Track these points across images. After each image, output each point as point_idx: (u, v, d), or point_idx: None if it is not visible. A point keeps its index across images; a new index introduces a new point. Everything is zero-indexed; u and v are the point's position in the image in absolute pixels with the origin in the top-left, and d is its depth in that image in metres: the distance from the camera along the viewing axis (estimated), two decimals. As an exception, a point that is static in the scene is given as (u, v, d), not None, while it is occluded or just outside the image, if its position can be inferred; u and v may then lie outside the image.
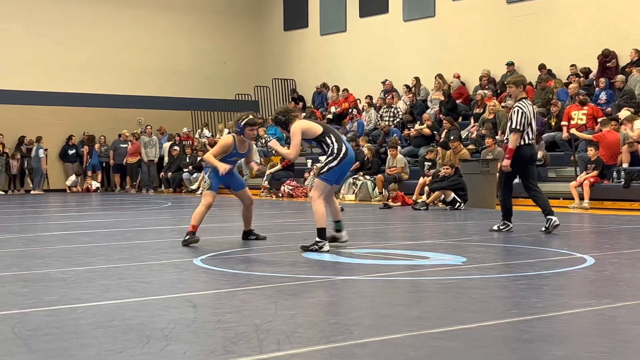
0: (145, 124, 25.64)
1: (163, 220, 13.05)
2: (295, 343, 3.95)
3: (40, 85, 24.60)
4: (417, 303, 5.20)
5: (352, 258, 7.40)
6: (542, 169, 16.85)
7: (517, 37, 21.08)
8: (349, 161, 8.02)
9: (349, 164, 8.08)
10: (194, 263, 7.02)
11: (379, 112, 22.07)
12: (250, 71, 28.03)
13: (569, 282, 6.22)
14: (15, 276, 6.37)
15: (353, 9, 25.44)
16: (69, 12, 25.14)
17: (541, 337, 4.10)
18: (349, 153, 7.98)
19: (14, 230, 11.07)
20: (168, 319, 4.53)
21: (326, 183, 7.96)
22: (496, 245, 8.63)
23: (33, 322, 4.49)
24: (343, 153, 7.91)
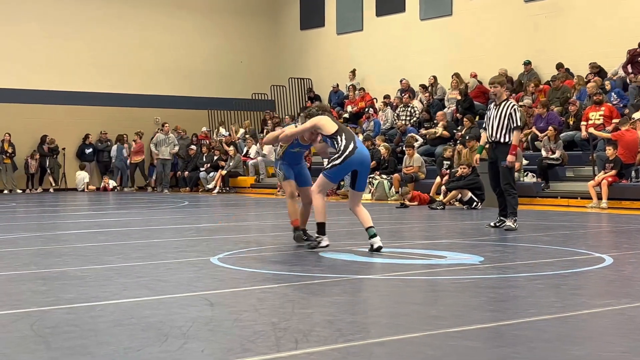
0: (162, 123, 25.72)
1: (180, 219, 13.09)
2: (313, 342, 3.95)
3: (57, 85, 24.71)
4: (434, 302, 5.19)
5: (368, 257, 7.39)
6: (560, 168, 16.78)
7: (534, 35, 20.98)
8: (353, 161, 7.74)
9: (354, 164, 7.78)
10: (211, 262, 7.03)
11: (395, 112, 22.03)
12: (266, 70, 28.05)
13: (588, 281, 6.18)
14: (34, 274, 6.40)
15: (370, 8, 25.40)
16: (86, 12, 25.24)
17: (560, 337, 4.09)
18: (355, 153, 7.73)
19: (32, 228, 11.14)
20: (186, 317, 4.54)
21: (327, 180, 7.86)
22: (513, 245, 8.60)
23: (52, 320, 4.52)
24: (349, 152, 7.72)
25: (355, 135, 8.17)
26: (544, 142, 16.98)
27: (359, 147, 7.84)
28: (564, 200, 15.86)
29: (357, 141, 7.93)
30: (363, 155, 7.84)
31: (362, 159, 7.82)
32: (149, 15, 26.39)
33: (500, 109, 10.03)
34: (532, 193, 16.17)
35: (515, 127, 9.91)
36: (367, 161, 7.93)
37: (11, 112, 23.94)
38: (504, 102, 10.09)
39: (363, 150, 7.90)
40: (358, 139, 8.07)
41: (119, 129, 25.55)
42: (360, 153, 7.81)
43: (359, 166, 7.84)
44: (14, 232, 10.61)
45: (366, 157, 7.90)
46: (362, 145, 7.98)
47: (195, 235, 9.94)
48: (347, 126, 8.42)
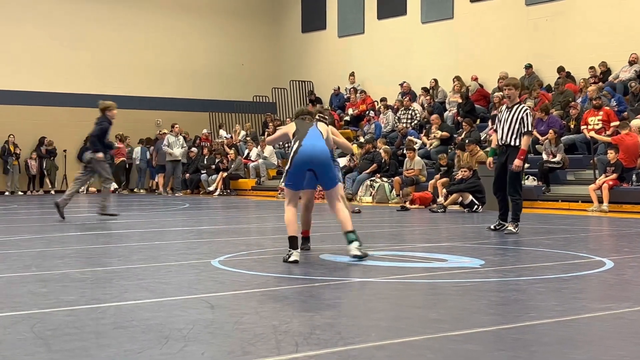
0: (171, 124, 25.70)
1: (181, 221, 13.09)
2: (313, 344, 3.95)
3: (59, 87, 24.74)
4: (434, 305, 5.19)
5: (369, 260, 7.38)
6: (561, 172, 16.79)
7: (535, 39, 20.99)
8: (299, 160, 7.13)
9: (302, 163, 7.14)
10: (211, 264, 7.03)
11: (396, 114, 22.04)
12: (267, 73, 28.08)
13: (588, 285, 6.18)
14: (35, 276, 6.41)
15: (371, 10, 25.42)
16: (87, 14, 25.28)
17: (561, 341, 4.08)
18: (299, 152, 7.15)
19: (33, 230, 11.14)
20: (186, 320, 4.54)
21: (288, 189, 7.33)
22: (514, 248, 8.60)
23: (53, 322, 4.52)
24: (293, 152, 7.21)
25: (311, 131, 7.35)
26: (545, 146, 16.99)
27: (304, 144, 7.19)
28: (565, 204, 15.86)
29: (307, 138, 7.25)
30: (309, 151, 7.16)
31: (309, 154, 7.15)
32: (150, 18, 26.41)
33: (512, 112, 9.96)
34: (533, 196, 16.18)
35: (526, 131, 9.85)
36: (317, 156, 7.17)
37: (14, 114, 23.97)
38: (517, 105, 10.01)
39: (310, 145, 7.19)
40: (313, 134, 7.31)
41: (120, 131, 25.55)
42: (306, 149, 7.16)
43: (308, 163, 7.18)
44: (15, 234, 10.61)
45: (314, 152, 7.17)
46: (312, 140, 7.24)
47: (196, 238, 9.94)
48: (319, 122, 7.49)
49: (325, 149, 7.27)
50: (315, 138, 7.31)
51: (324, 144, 7.31)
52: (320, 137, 7.37)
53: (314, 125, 7.51)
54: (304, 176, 7.30)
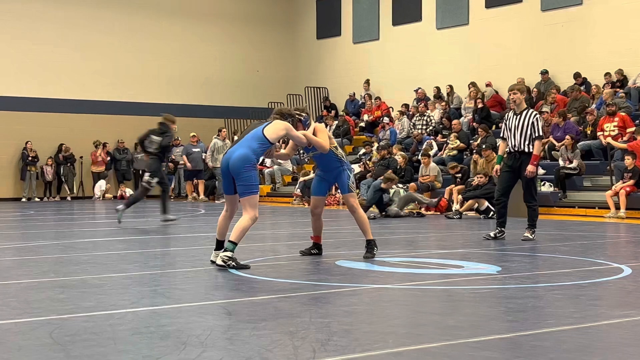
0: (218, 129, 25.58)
1: (197, 227, 13.12)
2: (331, 351, 3.95)
3: (76, 94, 24.87)
4: (452, 312, 5.17)
5: (385, 266, 7.38)
6: (578, 178, 16.71)
7: (551, 45, 20.93)
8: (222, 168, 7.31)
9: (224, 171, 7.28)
10: (228, 270, 7.04)
11: (411, 121, 22.03)
12: (282, 79, 28.13)
13: (606, 292, 6.15)
14: (52, 282, 6.44)
15: (386, 17, 25.43)
16: (103, 22, 25.42)
17: (579, 348, 4.07)
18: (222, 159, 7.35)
19: (50, 236, 11.20)
20: (204, 326, 4.55)
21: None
22: (531, 255, 8.56)
23: (71, 328, 4.54)
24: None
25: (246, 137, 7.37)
26: (561, 152, 16.92)
27: (228, 152, 7.33)
28: (582, 210, 15.79)
29: (236, 145, 7.33)
30: (227, 159, 7.26)
31: (226, 162, 7.25)
32: (165, 25, 26.53)
33: (522, 117, 9.88)
34: (550, 203, 16.11)
35: (537, 136, 9.80)
36: (231, 163, 7.18)
37: (31, 121, 24.13)
38: (525, 110, 9.95)
39: (230, 154, 7.28)
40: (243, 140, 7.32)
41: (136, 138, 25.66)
42: (225, 157, 7.30)
43: (226, 171, 7.26)
44: (32, 240, 10.67)
45: (230, 160, 7.21)
46: (235, 148, 7.29)
47: (212, 244, 9.94)
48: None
49: (241, 155, 7.15)
50: (242, 144, 7.26)
51: (244, 150, 7.18)
52: (252, 143, 7.24)
53: (261, 126, 7.39)
54: (229, 182, 7.31)
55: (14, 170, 24.21)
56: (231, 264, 7.03)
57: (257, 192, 7.23)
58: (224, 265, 7.03)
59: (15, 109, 23.99)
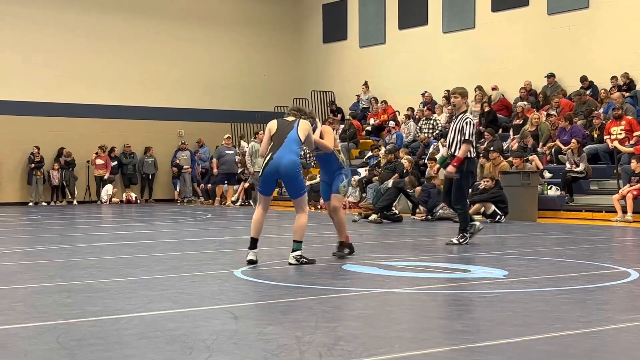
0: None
1: (203, 231, 13.13)
2: (337, 355, 3.94)
3: (82, 98, 24.91)
4: (459, 317, 5.17)
5: (392, 271, 7.38)
6: (584, 182, 16.68)
7: (557, 48, 20.90)
8: (268, 171, 7.73)
9: (270, 173, 7.74)
10: (234, 274, 7.05)
11: (418, 124, 22.02)
12: (289, 83, 28.14)
13: (613, 296, 6.13)
14: (59, 286, 6.45)
15: (392, 20, 25.43)
16: (109, 26, 25.46)
17: (586, 352, 4.05)
18: (269, 163, 7.71)
19: (57, 241, 11.22)
20: (210, 330, 4.56)
21: (259, 192, 8.07)
22: (538, 259, 8.54)
23: (77, 333, 4.55)
24: (265, 163, 7.78)
25: (288, 139, 7.79)
26: (567, 155, 16.89)
27: (275, 156, 7.71)
28: (589, 214, 15.75)
29: (281, 149, 7.73)
30: (276, 164, 7.70)
31: (276, 167, 7.70)
32: (171, 30, 26.57)
33: (456, 121, 10.06)
34: (557, 206, 16.08)
35: (464, 140, 9.83)
36: (283, 168, 7.68)
37: (37, 125, 24.19)
38: (461, 114, 10.07)
39: (278, 158, 7.70)
40: (288, 144, 7.76)
41: (143, 142, 25.75)
42: (274, 162, 7.71)
43: (275, 175, 7.78)
44: (39, 244, 10.69)
45: (280, 165, 7.68)
46: (282, 153, 7.72)
47: (218, 248, 9.97)
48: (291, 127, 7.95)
49: (291, 161, 7.71)
50: (288, 149, 7.75)
51: (292, 155, 7.73)
52: (293, 147, 7.76)
53: (294, 128, 7.85)
54: (273, 184, 7.91)
55: (21, 175, 24.26)
56: (303, 260, 7.74)
57: (306, 191, 7.96)
58: (297, 263, 7.70)
59: (22, 114, 24.05)
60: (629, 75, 19.11)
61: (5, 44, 23.88)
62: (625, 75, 19.09)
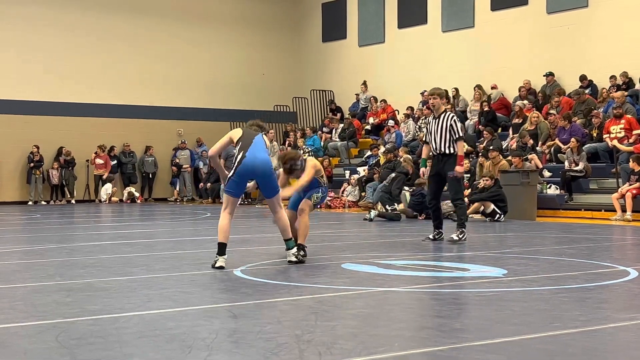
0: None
1: (203, 230, 13.14)
2: (337, 354, 3.95)
3: (82, 97, 24.90)
4: (458, 315, 5.17)
5: (391, 269, 7.38)
6: (584, 181, 16.68)
7: (557, 47, 20.90)
8: (242, 171, 7.49)
9: (245, 173, 7.53)
10: (234, 273, 7.05)
11: (417, 123, 22.02)
12: (288, 82, 28.14)
13: (613, 295, 6.14)
14: (58, 285, 6.45)
15: (392, 20, 25.43)
16: (108, 25, 25.45)
17: (585, 351, 4.06)
18: (243, 162, 7.49)
19: (56, 240, 11.22)
20: (210, 329, 4.56)
21: (227, 195, 7.68)
22: (537, 258, 8.55)
23: (77, 332, 4.55)
24: (237, 162, 7.54)
25: (256, 140, 7.70)
26: (567, 154, 16.90)
27: (248, 155, 7.52)
28: (588, 213, 15.76)
29: (251, 148, 7.57)
30: (252, 163, 7.51)
31: (252, 166, 7.51)
32: (170, 29, 26.56)
33: (440, 121, 10.18)
34: (556, 205, 16.09)
35: (458, 137, 10.09)
36: (259, 167, 7.54)
37: (37, 124, 24.18)
38: (443, 114, 10.22)
39: (253, 157, 7.53)
40: (257, 144, 7.65)
41: (142, 141, 25.75)
42: (249, 160, 7.51)
43: (251, 174, 7.60)
44: (38, 243, 10.70)
45: (256, 164, 7.53)
46: (254, 151, 7.57)
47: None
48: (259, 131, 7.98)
49: (266, 160, 7.66)
50: (259, 149, 7.67)
51: (266, 155, 7.70)
52: (264, 148, 7.76)
53: (259, 134, 7.88)
54: (244, 185, 7.75)
55: (21, 174, 24.26)
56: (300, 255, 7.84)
57: (280, 189, 7.86)
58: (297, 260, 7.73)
59: (21, 113, 24.05)
60: (627, 75, 19.11)
61: (4, 43, 23.87)
62: (624, 75, 19.10)
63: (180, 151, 26.05)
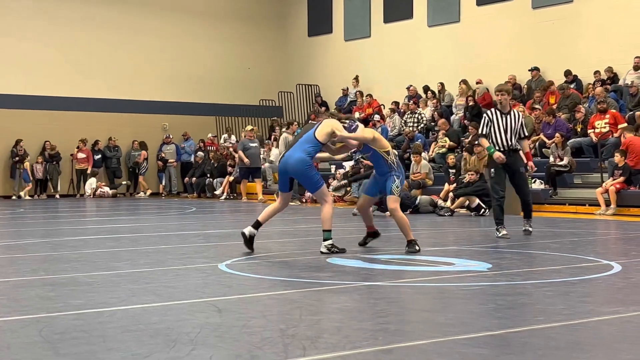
0: (287, 123, 25.53)
1: (187, 225, 13.11)
2: (321, 348, 3.95)
3: (65, 91, 24.76)
4: (442, 309, 5.18)
5: (376, 264, 7.39)
6: (568, 175, 16.76)
7: (542, 42, 20.97)
8: (280, 169, 8.27)
9: (281, 171, 8.25)
10: (218, 268, 7.04)
11: (403, 118, 22.04)
12: (274, 77, 28.09)
13: (596, 289, 6.17)
14: (42, 280, 6.42)
15: (377, 14, 25.43)
16: (93, 18, 25.31)
17: (568, 345, 4.08)
18: (281, 161, 8.26)
19: (40, 234, 11.17)
20: (194, 324, 4.55)
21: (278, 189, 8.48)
22: (521, 252, 8.58)
23: (60, 326, 4.53)
24: (278, 160, 8.38)
25: (300, 140, 8.23)
26: (551, 149, 16.96)
27: (286, 155, 8.21)
28: (572, 207, 15.83)
29: (292, 148, 8.18)
30: (285, 162, 8.17)
31: (284, 165, 8.17)
32: (157, 23, 26.46)
33: (511, 117, 10.15)
34: (540, 200, 16.14)
35: (524, 136, 10.28)
36: (291, 167, 8.08)
37: (20, 118, 24.03)
38: (511, 111, 10.29)
39: (287, 157, 8.16)
40: (299, 143, 8.17)
41: (127, 136, 25.64)
42: (283, 160, 8.21)
43: (285, 172, 8.21)
44: (22, 238, 10.64)
45: (288, 164, 8.11)
46: (292, 152, 8.15)
47: (203, 242, 9.95)
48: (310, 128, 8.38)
49: (299, 159, 8.01)
50: (298, 148, 8.10)
51: (300, 154, 8.02)
52: (305, 146, 8.07)
53: (313, 128, 8.23)
54: (286, 181, 8.25)
55: (4, 168, 24.11)
56: (334, 249, 7.99)
57: (323, 184, 8.24)
58: (329, 252, 7.94)
59: (5, 107, 23.90)
60: (612, 70, 19.20)
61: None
62: (609, 70, 19.18)
63: (166, 146, 25.97)
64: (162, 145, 26.01)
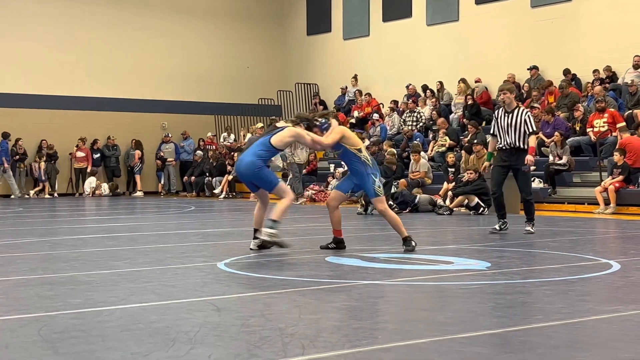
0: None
1: (186, 224, 13.11)
2: (320, 347, 3.95)
3: (65, 90, 24.75)
4: (441, 308, 5.18)
5: (375, 262, 7.39)
6: (567, 174, 16.76)
7: (541, 41, 20.97)
8: (236, 172, 8.55)
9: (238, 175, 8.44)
10: (217, 267, 7.04)
11: (401, 117, 22.04)
12: (273, 76, 28.09)
13: (595, 287, 6.17)
14: (41, 279, 6.42)
15: (376, 13, 25.42)
16: (91, 17, 25.29)
17: (568, 343, 4.08)
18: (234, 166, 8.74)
19: (39, 233, 11.16)
20: (193, 323, 4.55)
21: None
22: (521, 251, 8.58)
23: (59, 325, 4.53)
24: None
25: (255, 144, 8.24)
26: (550, 148, 16.96)
27: (238, 159, 8.35)
28: (571, 206, 15.84)
29: (244, 153, 8.30)
30: (237, 167, 8.34)
31: (237, 170, 8.36)
32: (155, 22, 26.44)
33: (514, 116, 10.18)
34: (539, 199, 16.13)
35: (531, 132, 10.20)
36: (241, 170, 8.16)
37: (19, 117, 24.02)
38: (516, 109, 10.28)
39: (239, 162, 8.28)
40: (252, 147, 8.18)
41: (126, 135, 25.63)
42: (236, 164, 8.41)
43: (240, 176, 8.35)
44: (21, 237, 10.63)
45: (239, 168, 8.23)
46: (243, 156, 8.22)
47: (202, 241, 9.95)
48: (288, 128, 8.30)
49: (248, 162, 8.00)
50: (249, 152, 8.13)
51: (250, 157, 8.01)
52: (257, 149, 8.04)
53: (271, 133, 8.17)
54: (248, 183, 8.28)
55: (3, 167, 24.08)
56: (275, 239, 7.87)
57: (278, 181, 8.23)
58: (268, 240, 7.86)
59: (4, 106, 23.87)
60: (611, 69, 19.20)
61: (-14, 35, 23.71)
62: (608, 69, 19.18)
63: (165, 145, 25.96)
64: (161, 144, 26.00)
